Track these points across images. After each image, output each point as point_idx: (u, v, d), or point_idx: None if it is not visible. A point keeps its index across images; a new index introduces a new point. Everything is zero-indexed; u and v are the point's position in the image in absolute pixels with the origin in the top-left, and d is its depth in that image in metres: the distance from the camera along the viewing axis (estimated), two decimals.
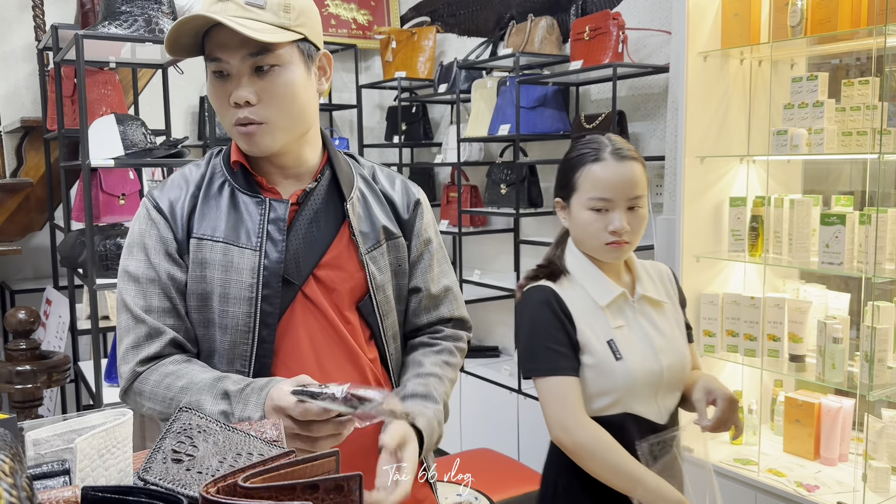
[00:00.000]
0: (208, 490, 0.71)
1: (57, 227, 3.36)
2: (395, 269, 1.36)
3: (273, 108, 1.20)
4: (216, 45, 1.19)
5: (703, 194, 2.63)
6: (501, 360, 3.84)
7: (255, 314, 1.23)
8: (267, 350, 1.24)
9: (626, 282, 1.61)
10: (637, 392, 1.51)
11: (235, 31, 1.14)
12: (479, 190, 3.99)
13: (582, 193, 1.52)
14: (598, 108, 3.43)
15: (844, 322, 2.30)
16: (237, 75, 1.20)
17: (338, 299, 1.29)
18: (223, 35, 1.17)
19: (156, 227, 1.27)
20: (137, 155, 2.68)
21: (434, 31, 4.19)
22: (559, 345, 1.50)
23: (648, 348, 1.54)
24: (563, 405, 1.48)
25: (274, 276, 1.24)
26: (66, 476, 0.85)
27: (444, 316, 1.42)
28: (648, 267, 1.68)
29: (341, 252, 1.30)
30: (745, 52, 2.59)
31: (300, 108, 1.24)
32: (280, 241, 1.25)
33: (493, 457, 3.15)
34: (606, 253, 1.53)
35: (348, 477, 0.74)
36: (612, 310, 1.54)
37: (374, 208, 1.34)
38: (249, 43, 1.16)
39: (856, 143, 2.27)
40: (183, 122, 4.21)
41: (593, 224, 1.51)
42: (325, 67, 1.29)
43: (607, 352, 1.51)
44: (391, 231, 1.35)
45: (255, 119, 1.20)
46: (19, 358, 2.77)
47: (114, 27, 2.63)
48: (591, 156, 1.51)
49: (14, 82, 3.71)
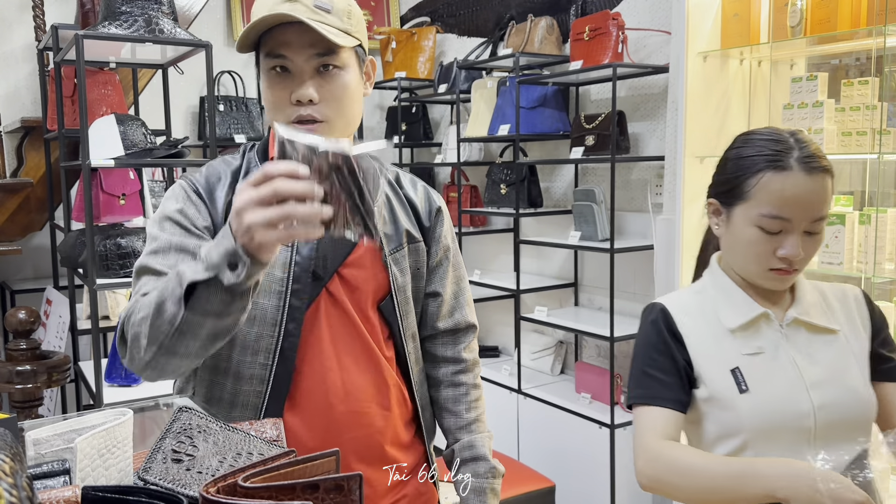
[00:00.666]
0: (208, 490, 0.72)
1: (57, 227, 3.36)
2: (415, 272, 1.39)
3: (332, 107, 1.24)
4: (280, 43, 1.21)
5: (703, 194, 2.61)
6: (501, 360, 3.84)
7: (284, 307, 1.25)
8: (292, 343, 1.26)
9: (778, 302, 1.32)
10: (774, 436, 1.21)
11: (303, 31, 1.18)
12: (479, 190, 3.99)
13: (753, 206, 1.24)
14: (598, 108, 3.43)
15: None
16: (300, 74, 1.22)
17: (360, 298, 1.31)
18: (289, 34, 1.20)
19: (193, 206, 1.27)
20: (137, 155, 2.68)
21: (434, 31, 4.19)
22: (661, 371, 1.27)
23: (795, 382, 1.24)
24: (650, 436, 1.23)
25: (304, 271, 1.26)
26: (66, 476, 0.85)
27: (459, 323, 1.46)
28: (826, 289, 1.38)
29: (365, 252, 1.32)
30: (745, 53, 2.60)
31: (354, 110, 1.28)
32: None
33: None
34: (768, 280, 1.27)
35: (348, 477, 0.74)
36: (745, 333, 1.27)
37: (398, 212, 1.38)
38: (318, 43, 1.20)
39: (855, 144, 2.27)
40: (183, 122, 4.21)
41: (760, 245, 1.24)
42: (369, 73, 1.34)
43: (729, 382, 1.24)
44: (413, 235, 1.38)
45: (317, 117, 1.23)
46: (19, 358, 2.77)
47: (114, 27, 2.63)
48: (772, 160, 1.23)
49: (14, 82, 3.71)
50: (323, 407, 1.27)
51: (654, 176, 3.16)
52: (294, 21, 1.17)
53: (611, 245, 2.91)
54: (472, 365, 1.47)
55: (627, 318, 3.21)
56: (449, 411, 1.44)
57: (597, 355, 3.49)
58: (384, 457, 1.32)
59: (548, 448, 3.22)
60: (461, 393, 1.45)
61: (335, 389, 1.28)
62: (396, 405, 1.35)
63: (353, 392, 1.29)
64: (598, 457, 2.99)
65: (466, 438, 1.42)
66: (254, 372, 1.26)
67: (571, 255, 3.58)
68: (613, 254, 2.90)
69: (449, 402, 1.45)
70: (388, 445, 1.33)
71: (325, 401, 1.27)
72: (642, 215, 3.21)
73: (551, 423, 3.19)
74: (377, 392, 1.31)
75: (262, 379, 1.26)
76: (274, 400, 1.27)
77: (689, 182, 2.59)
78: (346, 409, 1.28)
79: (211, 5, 4.18)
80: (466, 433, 1.43)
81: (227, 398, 1.28)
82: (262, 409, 1.27)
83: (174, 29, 2.72)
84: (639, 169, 3.26)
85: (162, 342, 1.06)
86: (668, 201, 2.94)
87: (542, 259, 3.78)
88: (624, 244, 3.01)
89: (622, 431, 2.95)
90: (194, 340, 1.06)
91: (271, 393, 1.26)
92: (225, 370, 1.28)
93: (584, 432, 3.04)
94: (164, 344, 1.06)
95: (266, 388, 1.26)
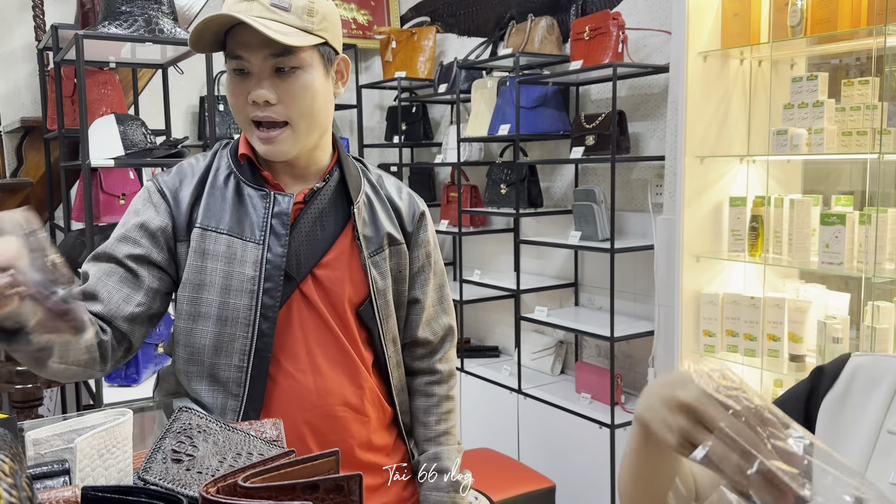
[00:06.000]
0: (208, 490, 0.71)
1: (57, 227, 3.36)
2: (396, 275, 1.37)
3: (292, 108, 1.22)
4: (238, 43, 1.20)
5: (702, 194, 2.63)
6: (501, 360, 3.84)
7: (256, 306, 1.24)
8: (266, 343, 1.25)
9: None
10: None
11: (258, 31, 1.15)
12: (479, 190, 3.99)
13: None
14: (598, 108, 3.43)
15: (844, 322, 2.30)
16: (257, 74, 1.21)
17: (335, 300, 1.30)
18: (246, 34, 1.19)
19: (153, 207, 1.28)
20: (137, 155, 2.68)
21: (434, 31, 4.19)
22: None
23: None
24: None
25: (276, 269, 1.25)
26: (66, 476, 0.85)
27: (436, 332, 1.45)
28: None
29: (342, 253, 1.30)
30: (745, 52, 2.59)
31: (318, 111, 1.25)
32: (283, 235, 1.26)
33: (493, 457, 3.15)
34: None
35: (348, 477, 0.74)
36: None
37: (379, 214, 1.36)
38: (272, 44, 1.18)
39: (856, 143, 2.27)
40: (183, 122, 4.21)
41: None
42: (342, 72, 1.31)
43: None
44: (394, 237, 1.36)
45: (276, 118, 1.22)
46: None
47: (114, 27, 2.63)
48: None
49: (14, 82, 3.71)
50: (295, 410, 1.26)
51: (655, 176, 3.16)
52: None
53: (611, 245, 2.91)
54: (447, 376, 1.46)
55: (627, 318, 3.21)
56: (419, 421, 1.43)
57: (597, 355, 3.48)
58: (355, 462, 1.31)
59: (548, 448, 3.22)
60: (432, 404, 1.43)
61: (307, 392, 1.27)
62: (373, 409, 1.33)
63: (325, 396, 1.27)
64: (598, 457, 2.98)
65: (433, 450, 1.41)
66: (229, 375, 1.25)
67: (571, 255, 3.58)
68: (614, 254, 2.90)
69: (420, 412, 1.44)
70: (360, 450, 1.32)
71: (297, 404, 1.26)
72: (642, 215, 3.21)
73: (551, 423, 3.19)
74: (352, 396, 1.30)
75: (238, 381, 1.25)
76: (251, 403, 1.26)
77: (689, 182, 2.59)
78: (318, 412, 1.27)
79: (211, 5, 4.18)
80: (434, 445, 1.42)
81: (207, 401, 1.27)
82: (239, 413, 1.25)
83: (174, 29, 2.72)
84: (639, 169, 3.26)
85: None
86: (669, 201, 2.94)
87: (542, 259, 3.78)
88: (624, 244, 3.01)
89: (622, 431, 2.95)
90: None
91: (248, 395, 1.25)
92: (200, 374, 1.28)
93: (585, 432, 3.04)
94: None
95: (243, 390, 1.25)
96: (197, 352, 1.27)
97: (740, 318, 2.55)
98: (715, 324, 2.61)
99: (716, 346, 2.62)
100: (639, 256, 3.15)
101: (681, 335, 2.65)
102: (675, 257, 2.65)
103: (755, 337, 2.52)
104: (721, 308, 2.60)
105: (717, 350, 2.62)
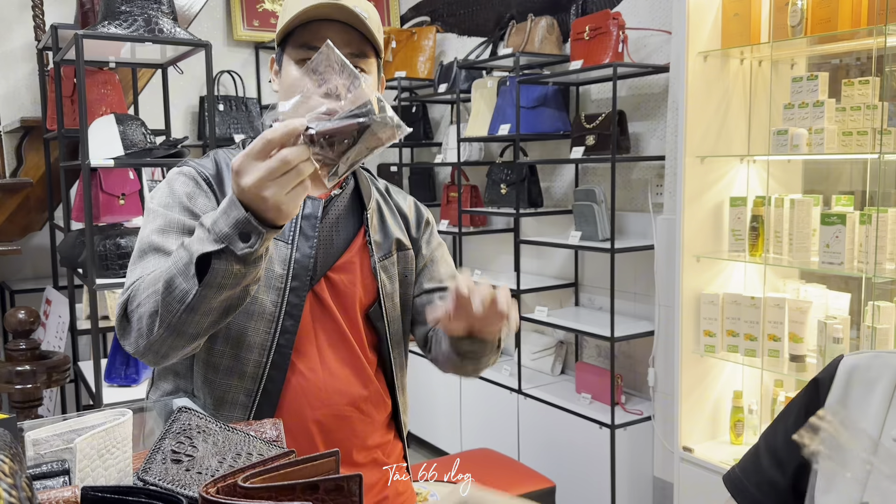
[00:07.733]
0: (208, 490, 0.71)
1: (57, 227, 3.36)
2: (402, 280, 1.40)
3: None
4: (318, 37, 1.23)
5: (703, 194, 2.63)
6: (502, 361, 3.84)
7: (282, 303, 1.26)
8: (288, 340, 1.27)
9: None
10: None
11: (341, 30, 1.21)
12: (479, 190, 3.99)
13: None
14: (598, 108, 3.43)
15: (845, 322, 2.30)
16: None
17: (346, 302, 1.32)
18: (326, 29, 1.23)
19: (203, 193, 1.27)
20: (137, 155, 2.68)
21: (434, 30, 4.19)
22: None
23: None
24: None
25: (303, 269, 1.28)
26: (66, 476, 0.85)
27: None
28: None
29: (353, 258, 1.33)
30: (746, 52, 2.59)
31: None
32: (312, 237, 1.29)
33: (493, 457, 3.15)
34: None
35: (348, 477, 0.74)
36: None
37: (388, 220, 1.40)
38: (353, 43, 1.23)
39: (856, 143, 2.27)
40: (183, 122, 4.20)
41: None
42: (380, 87, 1.36)
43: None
44: (403, 243, 1.40)
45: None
46: (19, 358, 2.77)
47: (114, 27, 2.63)
48: None
49: (14, 82, 3.71)
50: (305, 407, 1.27)
51: (655, 176, 3.16)
52: (335, 19, 1.21)
53: (611, 245, 2.90)
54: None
55: (628, 319, 3.21)
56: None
57: (597, 355, 3.48)
58: (356, 462, 1.32)
59: (548, 448, 3.21)
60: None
61: (318, 391, 1.28)
62: (376, 410, 1.35)
63: (334, 395, 1.29)
64: (598, 457, 2.98)
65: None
66: (246, 369, 1.26)
67: (572, 255, 3.58)
68: (614, 254, 2.90)
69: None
70: (362, 450, 1.33)
71: (307, 402, 1.28)
72: (643, 215, 3.21)
73: (551, 423, 3.18)
74: (359, 396, 1.32)
75: (254, 376, 1.26)
76: (266, 397, 1.26)
77: (689, 182, 2.59)
78: (327, 411, 1.29)
79: (211, 5, 4.18)
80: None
81: (218, 394, 1.27)
82: (252, 408, 1.26)
83: (174, 29, 2.72)
84: (639, 169, 3.26)
85: (171, 321, 1.05)
86: (669, 201, 2.94)
87: (542, 259, 3.78)
88: (624, 244, 3.00)
89: (622, 432, 2.94)
90: (206, 317, 1.05)
91: (264, 389, 1.26)
92: (217, 366, 1.28)
93: (585, 432, 3.04)
94: (172, 323, 1.05)
95: (259, 385, 1.26)
96: (218, 343, 1.27)
97: (741, 318, 2.55)
98: (715, 324, 2.61)
99: (716, 347, 2.62)
100: (639, 256, 3.15)
101: (681, 335, 2.65)
102: (676, 257, 2.65)
103: (755, 337, 2.52)
104: (721, 308, 2.60)
105: (717, 350, 2.62)
